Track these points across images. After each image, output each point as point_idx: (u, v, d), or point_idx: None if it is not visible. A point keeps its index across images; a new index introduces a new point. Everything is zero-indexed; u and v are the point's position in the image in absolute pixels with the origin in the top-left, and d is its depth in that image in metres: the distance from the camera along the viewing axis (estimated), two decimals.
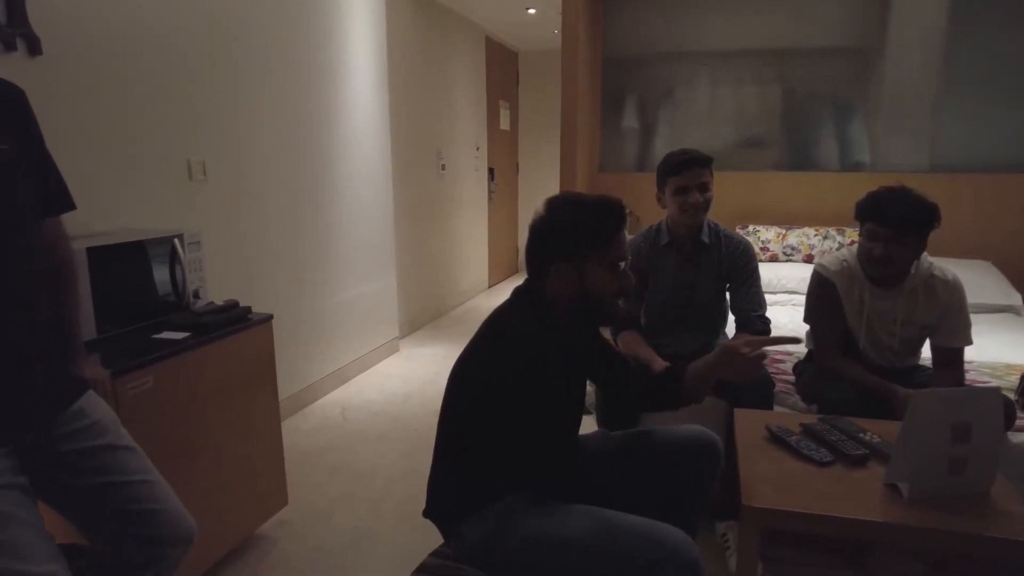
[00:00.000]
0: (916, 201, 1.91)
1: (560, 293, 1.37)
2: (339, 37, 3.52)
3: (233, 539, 2.06)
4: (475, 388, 1.37)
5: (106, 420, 1.33)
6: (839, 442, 1.37)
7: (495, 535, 1.30)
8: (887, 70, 3.70)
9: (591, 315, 1.42)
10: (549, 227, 1.37)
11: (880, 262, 1.96)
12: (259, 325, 2.11)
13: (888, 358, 2.11)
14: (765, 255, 3.79)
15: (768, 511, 1.16)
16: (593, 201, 1.38)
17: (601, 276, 1.35)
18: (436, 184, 4.89)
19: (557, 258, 1.35)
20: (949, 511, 1.15)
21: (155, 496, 1.34)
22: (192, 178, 2.56)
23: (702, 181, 2.16)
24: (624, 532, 1.21)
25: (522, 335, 1.34)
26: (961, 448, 1.16)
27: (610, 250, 1.35)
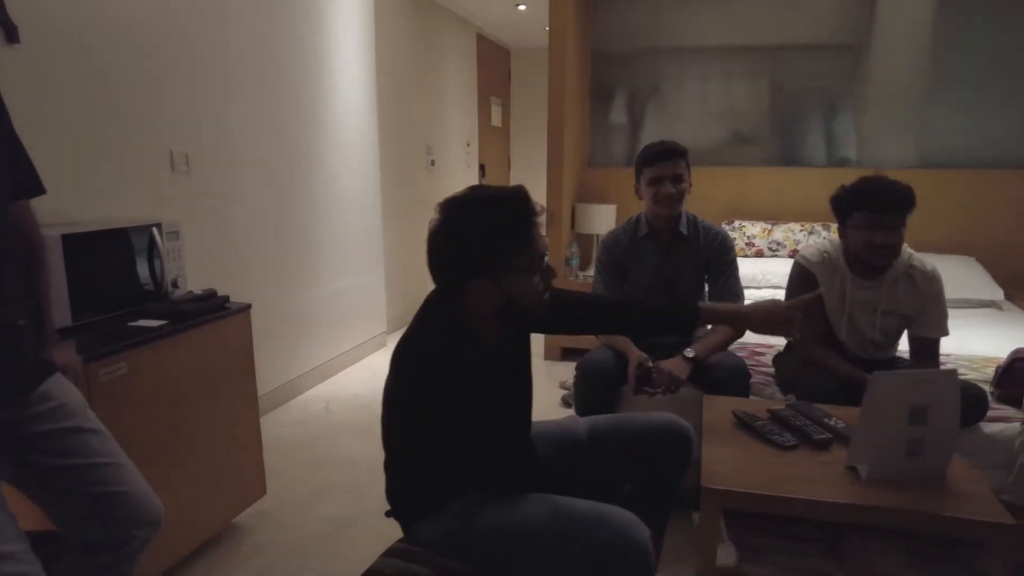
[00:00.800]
0: (903, 186, 1.93)
1: (483, 309, 1.27)
2: (326, 31, 3.52)
3: (210, 527, 2.06)
4: (406, 408, 1.32)
5: (73, 403, 1.33)
6: (804, 427, 1.37)
7: (454, 531, 1.30)
8: (874, 66, 3.72)
9: (518, 319, 1.34)
10: (459, 241, 1.24)
11: (887, 250, 1.95)
12: (237, 314, 2.11)
13: (868, 349, 2.13)
14: (751, 250, 3.80)
15: (726, 492, 1.17)
16: (494, 198, 1.25)
17: (525, 282, 1.26)
18: (425, 179, 4.90)
19: (475, 275, 1.23)
20: (906, 491, 1.16)
21: (121, 479, 1.34)
22: (175, 169, 2.56)
23: (676, 172, 2.17)
24: (575, 517, 1.21)
25: (436, 359, 1.24)
26: (918, 430, 1.17)
27: (526, 251, 1.24)
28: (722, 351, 2.20)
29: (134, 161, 2.39)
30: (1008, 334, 2.82)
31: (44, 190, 1.41)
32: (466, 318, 1.28)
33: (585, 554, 1.18)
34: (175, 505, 1.87)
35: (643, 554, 1.15)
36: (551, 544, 1.21)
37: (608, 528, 1.18)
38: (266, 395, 3.17)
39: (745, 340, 2.78)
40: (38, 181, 1.39)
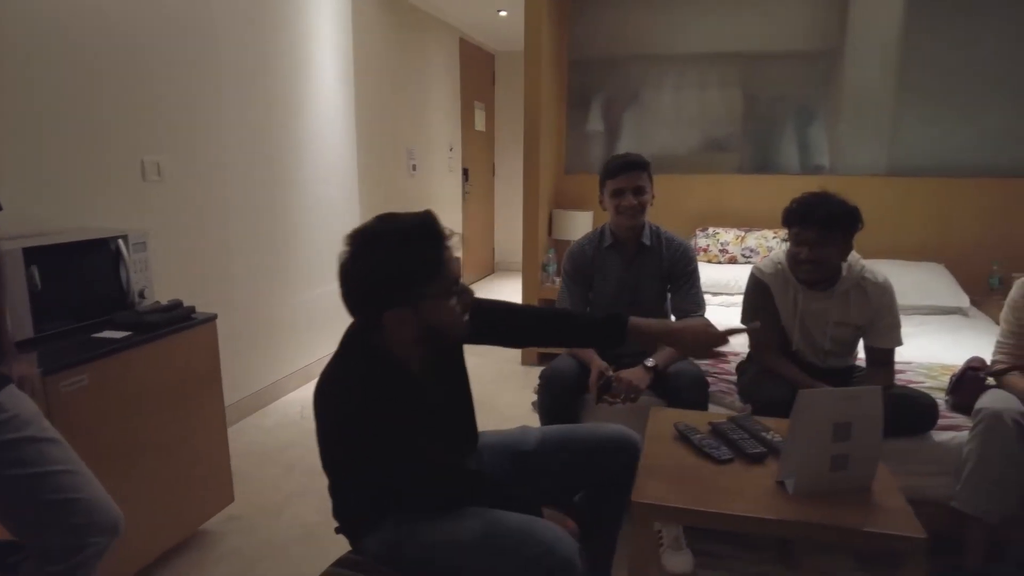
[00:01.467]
0: (838, 203, 1.98)
1: (400, 339, 1.28)
2: (302, 37, 3.55)
3: (175, 534, 2.09)
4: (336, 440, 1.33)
5: (26, 414, 1.36)
6: (740, 440, 1.41)
7: (395, 544, 1.33)
8: (847, 75, 3.77)
9: (438, 343, 1.35)
10: (362, 273, 1.24)
11: (808, 265, 2.01)
12: (203, 324, 2.14)
13: (822, 358, 2.17)
14: (724, 257, 3.85)
15: (655, 506, 1.20)
16: (405, 229, 1.25)
17: (441, 309, 1.26)
18: (406, 184, 4.92)
19: (390, 306, 1.23)
20: (830, 506, 1.20)
21: (77, 486, 1.36)
22: (146, 179, 2.58)
23: (638, 184, 2.21)
24: (504, 532, 1.25)
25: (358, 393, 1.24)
26: (843, 446, 1.21)
27: (439, 278, 1.25)
28: (683, 360, 2.24)
29: (105, 171, 2.41)
30: (971, 341, 2.87)
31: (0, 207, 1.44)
32: (386, 348, 1.29)
33: (511, 568, 1.22)
34: (138, 512, 1.90)
35: (568, 569, 1.19)
36: (480, 558, 1.25)
37: (535, 543, 1.22)
38: (244, 399, 3.20)
39: None
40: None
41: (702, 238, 3.93)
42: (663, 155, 4.13)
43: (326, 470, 1.39)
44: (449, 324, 1.29)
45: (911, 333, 3.04)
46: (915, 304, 3.36)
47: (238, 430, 3.09)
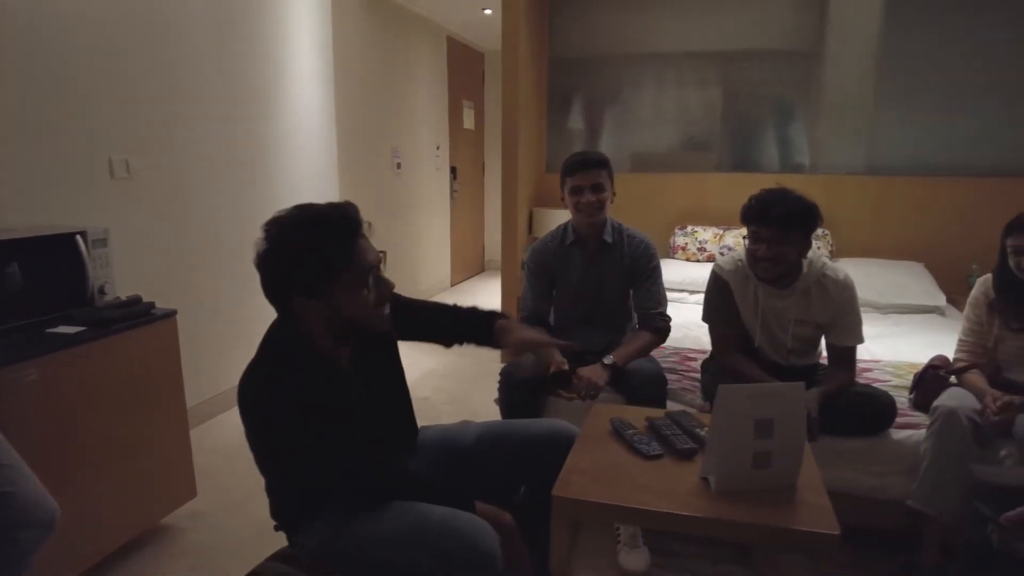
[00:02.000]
0: (795, 200, 1.96)
1: (315, 328, 1.27)
2: (279, 35, 3.55)
3: (134, 528, 2.10)
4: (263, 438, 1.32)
5: None
6: (672, 436, 1.41)
7: (329, 540, 1.34)
8: (826, 74, 3.76)
9: (357, 335, 1.34)
10: (276, 262, 1.24)
11: (764, 263, 2.00)
12: (162, 320, 2.15)
13: (784, 355, 2.16)
14: (703, 255, 3.84)
15: (575, 501, 1.20)
16: (316, 217, 1.25)
17: (353, 299, 1.25)
18: (391, 183, 4.93)
19: (296, 294, 1.24)
20: (752, 503, 1.19)
21: (11, 479, 1.37)
22: (114, 176, 2.59)
23: (596, 182, 2.21)
24: (427, 526, 1.25)
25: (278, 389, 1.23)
26: (764, 443, 1.21)
27: (353, 268, 1.24)
28: (642, 357, 2.24)
29: (70, 169, 2.42)
30: (944, 340, 2.84)
31: None
32: (307, 341, 1.28)
33: (432, 561, 1.22)
34: (93, 505, 1.92)
35: (488, 560, 1.19)
36: (403, 551, 1.25)
37: (456, 536, 1.22)
38: (214, 397, 3.21)
39: (678, 345, 2.83)
40: None
41: (680, 236, 3.93)
42: (643, 153, 4.13)
43: (260, 470, 1.40)
44: (363, 316, 1.28)
45: (885, 333, 3.03)
46: (891, 303, 3.35)
47: (207, 427, 3.10)
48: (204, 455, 2.71)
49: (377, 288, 1.29)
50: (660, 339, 2.30)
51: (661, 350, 2.70)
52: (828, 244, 3.64)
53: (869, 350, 2.75)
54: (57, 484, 1.78)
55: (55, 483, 1.77)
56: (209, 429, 3.09)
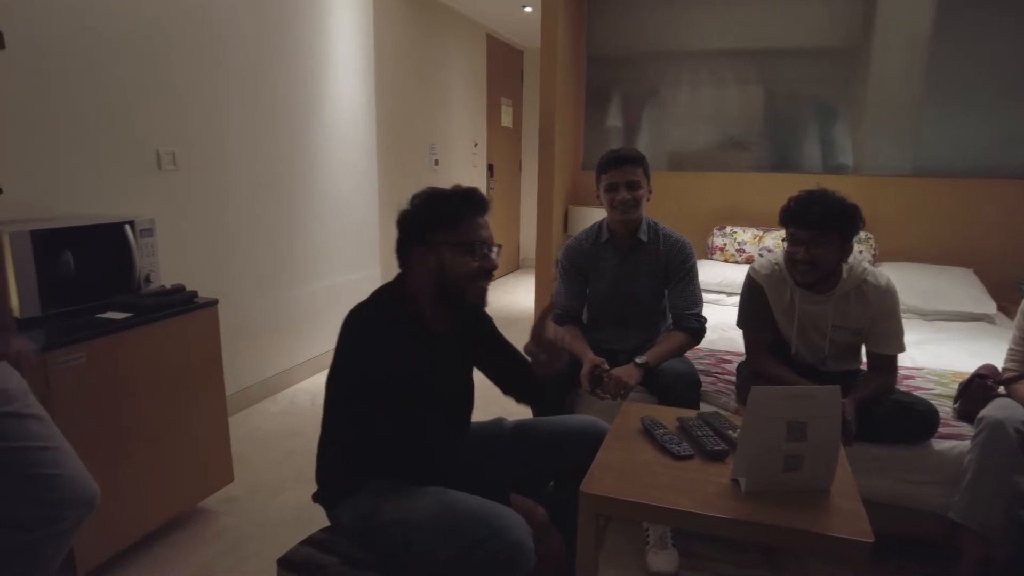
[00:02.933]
0: (835, 201, 1.91)
1: (422, 281, 1.42)
2: (322, 30, 3.62)
3: (171, 510, 2.16)
4: (338, 383, 1.44)
5: (14, 389, 1.43)
6: (703, 437, 1.39)
7: (364, 517, 1.38)
8: (872, 72, 3.65)
9: (456, 299, 1.46)
10: (408, 218, 1.45)
11: (803, 266, 1.96)
12: (204, 309, 2.20)
13: (822, 360, 2.12)
14: (741, 256, 3.78)
15: (602, 498, 1.20)
16: (449, 190, 1.45)
17: (457, 259, 1.40)
18: (428, 179, 4.97)
19: (415, 246, 1.42)
20: (783, 506, 1.17)
21: (56, 461, 1.43)
22: (161, 168, 2.68)
23: (631, 179, 2.19)
24: (460, 513, 1.27)
25: (369, 330, 1.38)
26: (796, 445, 1.18)
27: (463, 232, 1.41)
28: (676, 358, 2.22)
29: (121, 160, 2.51)
30: (993, 350, 2.75)
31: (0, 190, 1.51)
32: (410, 297, 1.44)
33: (464, 549, 1.24)
34: (133, 486, 1.99)
35: (519, 551, 1.20)
36: (436, 538, 1.27)
37: (489, 526, 1.23)
38: (252, 386, 3.29)
39: (713, 347, 2.79)
40: None
41: (719, 237, 3.87)
42: (680, 152, 4.08)
43: (323, 424, 1.48)
44: (462, 278, 1.41)
45: (930, 340, 2.94)
46: (937, 310, 3.24)
47: (245, 416, 3.18)
48: (240, 443, 2.78)
49: (482, 260, 1.42)
50: (695, 340, 2.28)
51: (696, 351, 2.67)
52: (871, 248, 3.54)
53: (912, 357, 2.67)
54: (101, 463, 1.86)
55: (99, 462, 1.85)
56: (247, 417, 3.16)
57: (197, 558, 2.08)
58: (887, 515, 1.97)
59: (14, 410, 1.41)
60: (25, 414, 1.42)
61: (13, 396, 1.42)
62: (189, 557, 2.09)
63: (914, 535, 2.01)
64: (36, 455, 1.41)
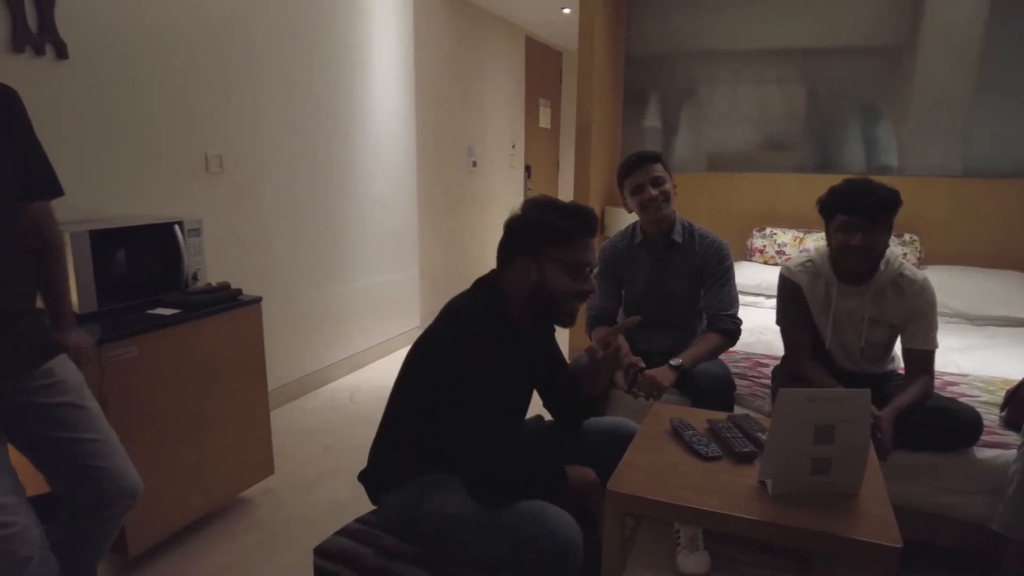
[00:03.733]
0: (881, 187, 1.92)
1: (519, 285, 1.43)
2: (363, 34, 3.70)
3: (215, 499, 2.25)
4: (420, 368, 1.46)
5: (71, 381, 1.51)
6: (731, 439, 1.39)
7: (410, 507, 1.41)
8: (918, 69, 3.55)
9: (547, 312, 1.47)
10: (518, 223, 1.44)
11: (860, 252, 1.93)
12: (248, 306, 2.29)
13: (857, 360, 2.09)
14: (781, 258, 3.72)
15: (629, 497, 1.21)
16: (565, 205, 1.44)
17: (559, 276, 1.40)
18: (466, 180, 5.03)
19: (521, 252, 1.42)
20: (809, 509, 1.16)
21: (103, 454, 1.49)
22: (209, 170, 2.79)
23: (654, 176, 2.21)
24: (511, 511, 1.29)
25: (472, 318, 1.40)
26: (824, 448, 1.18)
27: (571, 251, 1.40)
28: (711, 360, 2.21)
29: (171, 163, 2.62)
30: None
31: (61, 192, 1.60)
32: (505, 296, 1.45)
33: (513, 547, 1.26)
34: (178, 476, 2.08)
35: (569, 550, 1.22)
36: (484, 534, 1.30)
37: (539, 524, 1.25)
38: (292, 382, 3.39)
39: (749, 350, 2.76)
40: (54, 185, 1.56)
41: (759, 238, 3.82)
42: (720, 152, 4.04)
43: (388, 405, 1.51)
44: (560, 296, 1.42)
45: (977, 345, 2.85)
46: (986, 314, 3.14)
47: (285, 410, 3.28)
48: (281, 436, 2.87)
49: (580, 283, 1.43)
50: (730, 342, 2.26)
51: (732, 355, 2.65)
52: (916, 250, 3.44)
53: (957, 363, 2.60)
54: (150, 453, 1.95)
55: (148, 452, 1.94)
56: (288, 412, 3.26)
57: (237, 546, 2.16)
58: (923, 523, 1.93)
59: (69, 401, 1.48)
60: (80, 405, 1.49)
61: (70, 388, 1.49)
62: (230, 545, 2.17)
63: (951, 545, 1.96)
64: (88, 446, 1.47)
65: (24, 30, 2.09)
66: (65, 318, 1.66)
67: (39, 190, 1.54)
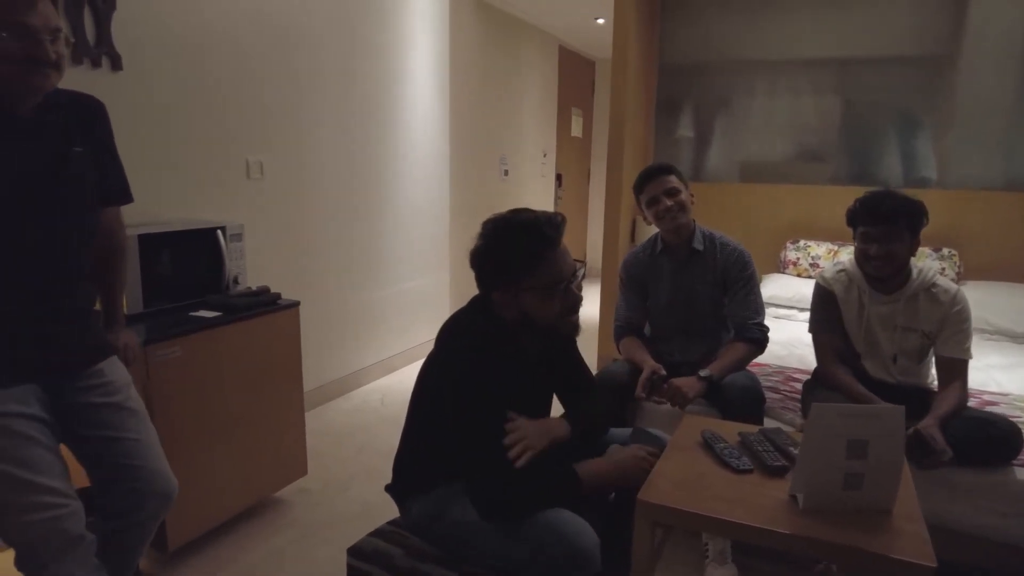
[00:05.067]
0: (901, 197, 1.97)
1: (508, 316, 1.41)
2: (400, 45, 3.77)
3: (251, 498, 2.31)
4: (430, 385, 1.47)
5: (119, 382, 1.56)
6: (763, 452, 1.39)
7: (433, 515, 1.45)
8: (960, 80, 3.49)
9: (546, 333, 1.45)
10: (481, 256, 1.39)
11: (876, 261, 1.96)
12: (286, 310, 2.35)
13: (889, 369, 2.08)
14: (815, 271, 3.67)
15: (659, 507, 1.22)
16: (522, 221, 1.37)
17: (540, 304, 1.37)
18: (497, 188, 5.07)
19: (494, 288, 1.39)
20: (841, 525, 1.16)
21: (142, 455, 1.53)
22: (249, 176, 2.87)
23: (668, 187, 2.23)
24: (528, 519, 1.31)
25: (469, 341, 1.39)
26: (857, 463, 1.17)
27: (544, 273, 1.35)
28: (740, 371, 2.20)
29: (215, 169, 2.71)
30: None
31: (132, 199, 1.67)
32: (503, 321, 1.42)
33: (530, 554, 1.28)
34: (217, 474, 2.14)
35: (586, 559, 1.23)
36: (501, 541, 1.32)
37: (556, 532, 1.27)
38: (327, 384, 3.45)
39: (782, 364, 2.74)
40: (126, 192, 1.64)
41: (792, 251, 3.78)
42: (754, 163, 4.01)
43: (408, 416, 1.52)
44: (544, 318, 1.39)
45: (1019, 364, 2.78)
46: None
47: (320, 411, 3.34)
48: (315, 437, 2.93)
49: (564, 299, 1.39)
50: (758, 350, 2.26)
51: (763, 367, 2.64)
52: (955, 265, 3.38)
53: (997, 381, 2.55)
54: (190, 450, 2.02)
55: (188, 449, 2.01)
56: (322, 413, 3.32)
57: (271, 544, 2.22)
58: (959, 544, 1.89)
59: (116, 401, 1.53)
60: (124, 407, 1.53)
61: (117, 388, 1.55)
62: (264, 543, 2.22)
63: (987, 567, 1.92)
64: (126, 446, 1.51)
65: (83, 43, 2.19)
66: (117, 318, 1.73)
67: (114, 197, 1.62)
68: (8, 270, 1.36)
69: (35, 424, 1.40)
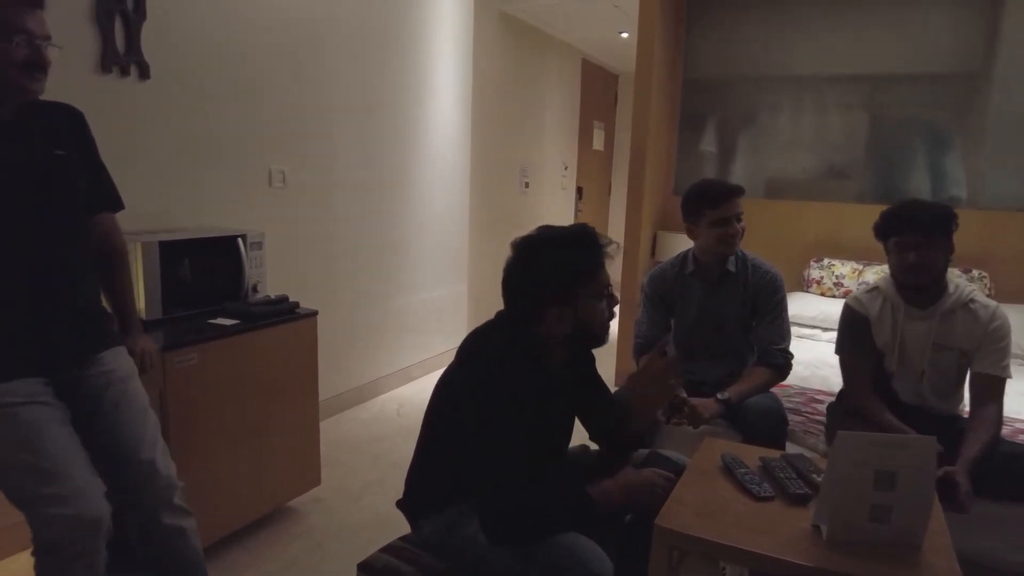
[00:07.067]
0: (933, 204, 1.95)
1: (557, 332, 1.43)
2: (424, 56, 3.79)
3: (265, 506, 2.30)
4: (447, 403, 1.46)
5: (121, 372, 1.57)
6: (785, 479, 1.35)
7: (445, 533, 1.43)
8: (992, 98, 3.42)
9: (586, 341, 1.50)
10: (535, 273, 1.41)
11: (916, 269, 1.91)
12: (304, 319, 2.35)
13: (920, 390, 2.01)
14: (839, 291, 3.61)
15: (676, 533, 1.18)
16: (567, 235, 1.44)
17: (593, 307, 1.42)
18: (517, 200, 5.06)
19: (551, 303, 1.40)
20: (867, 558, 1.11)
21: (138, 444, 1.54)
22: (271, 185, 2.89)
23: (739, 211, 2.17)
24: None
25: (494, 360, 1.38)
26: (884, 496, 1.13)
27: (599, 280, 1.42)
28: (759, 394, 2.15)
29: (237, 177, 2.73)
30: None
31: (122, 206, 1.70)
32: (536, 339, 1.44)
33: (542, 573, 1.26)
34: (231, 481, 2.13)
35: None
36: (513, 562, 1.30)
37: (568, 554, 1.25)
38: (344, 393, 3.45)
39: (804, 385, 2.68)
40: (116, 198, 1.68)
41: (816, 269, 3.72)
42: (778, 179, 3.96)
43: (422, 433, 1.52)
44: (598, 324, 1.45)
45: None
46: None
47: (335, 421, 3.34)
48: (330, 447, 2.92)
49: (609, 301, 1.46)
50: (780, 376, 2.21)
51: (785, 388, 2.58)
52: (985, 287, 3.29)
53: None
54: (206, 456, 2.02)
55: (204, 455, 2.00)
56: (337, 423, 3.32)
57: (284, 554, 2.21)
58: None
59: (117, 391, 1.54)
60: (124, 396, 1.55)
61: (119, 378, 1.56)
62: (277, 552, 2.21)
63: None
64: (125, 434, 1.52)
65: (113, 52, 2.22)
66: (133, 323, 1.75)
67: (107, 204, 1.65)
68: (5, 269, 1.39)
69: (51, 411, 1.42)
